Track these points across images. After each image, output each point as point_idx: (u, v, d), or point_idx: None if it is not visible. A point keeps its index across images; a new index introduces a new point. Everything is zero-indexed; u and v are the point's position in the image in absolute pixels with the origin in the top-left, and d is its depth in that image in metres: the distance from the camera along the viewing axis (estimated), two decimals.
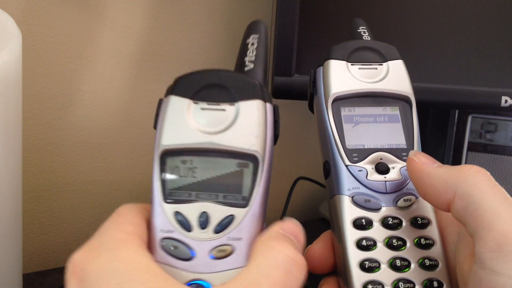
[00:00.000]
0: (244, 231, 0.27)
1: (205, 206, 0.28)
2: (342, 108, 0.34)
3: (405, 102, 0.35)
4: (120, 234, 0.27)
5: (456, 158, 0.65)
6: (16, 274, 0.44)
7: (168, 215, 0.28)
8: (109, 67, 0.60)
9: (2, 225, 0.39)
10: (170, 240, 0.27)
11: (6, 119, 0.37)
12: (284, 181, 0.70)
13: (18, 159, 0.41)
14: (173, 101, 0.29)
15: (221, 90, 0.29)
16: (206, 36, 0.65)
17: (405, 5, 0.57)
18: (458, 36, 0.57)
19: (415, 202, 0.32)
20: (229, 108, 0.29)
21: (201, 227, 0.27)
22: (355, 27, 0.39)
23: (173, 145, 0.28)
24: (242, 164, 0.29)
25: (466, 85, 0.57)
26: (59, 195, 0.60)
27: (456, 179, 0.28)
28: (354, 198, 0.32)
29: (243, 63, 0.32)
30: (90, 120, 0.60)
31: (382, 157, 0.33)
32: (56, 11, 0.55)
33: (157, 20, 0.61)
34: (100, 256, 0.25)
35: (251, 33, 0.33)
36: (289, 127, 0.73)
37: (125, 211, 0.29)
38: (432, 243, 0.31)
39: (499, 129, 0.64)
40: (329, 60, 0.35)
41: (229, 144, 0.28)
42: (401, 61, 0.36)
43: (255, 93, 0.29)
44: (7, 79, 0.36)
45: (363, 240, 0.31)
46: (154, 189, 0.28)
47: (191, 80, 0.30)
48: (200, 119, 0.29)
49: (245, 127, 0.29)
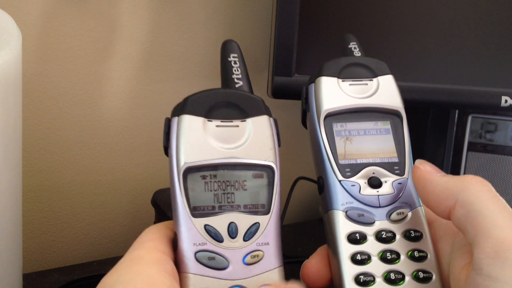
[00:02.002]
0: (270, 236, 0.30)
1: (231, 217, 0.30)
2: (334, 124, 0.35)
3: (396, 116, 0.35)
4: (142, 253, 0.28)
5: (456, 158, 0.65)
6: (16, 274, 0.44)
7: (198, 229, 0.29)
8: (109, 67, 0.60)
9: (2, 225, 0.39)
10: (205, 252, 0.29)
11: (6, 119, 0.37)
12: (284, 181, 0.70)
13: (18, 159, 0.41)
14: (187, 120, 0.31)
15: (231, 108, 0.32)
16: (206, 36, 0.65)
17: (405, 6, 0.57)
18: (458, 36, 0.57)
19: (408, 215, 0.33)
20: (241, 124, 0.31)
21: (231, 236, 0.30)
22: (346, 43, 0.40)
23: (196, 161, 0.30)
24: (259, 175, 0.32)
25: (466, 85, 0.57)
26: (59, 195, 0.60)
27: (458, 188, 0.29)
28: (348, 213, 0.32)
29: (232, 80, 0.34)
30: (90, 120, 0.60)
31: (375, 171, 0.33)
32: (56, 11, 0.55)
33: (157, 20, 0.61)
34: (119, 272, 0.27)
35: (229, 52, 0.35)
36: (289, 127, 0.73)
37: (149, 233, 0.30)
38: (426, 255, 0.31)
39: (499, 129, 0.64)
40: (321, 77, 0.35)
41: (248, 157, 0.31)
42: (391, 76, 0.36)
43: (261, 109, 0.32)
44: (7, 79, 0.36)
45: (357, 255, 0.31)
46: (179, 205, 0.30)
47: (201, 99, 0.32)
48: (217, 136, 0.31)
49: (259, 141, 0.31)
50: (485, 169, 0.64)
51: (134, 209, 0.66)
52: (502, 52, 0.58)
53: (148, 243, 0.29)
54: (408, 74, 0.56)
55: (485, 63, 0.58)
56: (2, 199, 0.38)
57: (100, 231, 0.64)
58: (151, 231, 0.30)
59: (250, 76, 0.35)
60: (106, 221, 0.64)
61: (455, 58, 0.58)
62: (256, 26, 0.67)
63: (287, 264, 0.68)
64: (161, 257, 0.28)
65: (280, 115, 0.32)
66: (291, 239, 0.69)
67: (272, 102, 0.61)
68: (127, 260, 0.28)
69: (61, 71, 0.57)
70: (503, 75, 0.58)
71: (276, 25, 0.53)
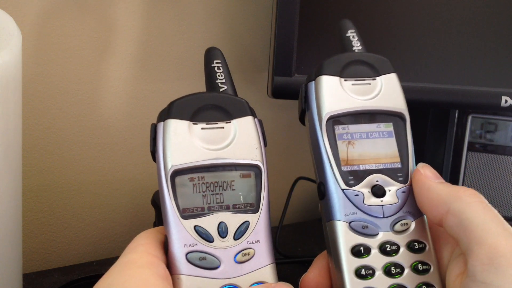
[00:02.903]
0: (260, 234, 0.31)
1: (221, 217, 0.30)
2: (336, 127, 0.34)
3: (399, 118, 0.35)
4: (135, 257, 0.29)
5: (456, 158, 0.65)
6: (16, 274, 0.44)
7: (188, 230, 0.30)
8: (109, 67, 0.60)
9: (2, 225, 0.39)
10: (196, 253, 0.30)
11: (6, 119, 0.37)
12: (284, 181, 0.70)
13: (18, 159, 0.41)
14: (173, 124, 0.31)
15: (215, 110, 0.32)
16: (206, 36, 0.65)
17: (405, 5, 0.57)
18: (458, 36, 0.57)
19: (411, 226, 0.32)
20: (226, 126, 0.32)
21: (221, 236, 0.30)
22: (343, 31, 0.39)
23: (183, 164, 0.30)
24: (247, 175, 0.32)
25: (466, 85, 0.57)
26: (59, 195, 0.60)
27: (451, 196, 0.30)
28: (352, 224, 0.32)
29: (217, 85, 0.35)
30: (90, 120, 0.60)
31: (378, 179, 0.33)
32: (56, 11, 0.55)
33: (157, 20, 0.61)
34: (112, 276, 0.27)
35: (212, 59, 0.36)
36: (289, 127, 0.73)
37: (141, 238, 0.31)
38: (429, 268, 0.31)
39: (499, 129, 0.64)
40: (322, 76, 0.34)
41: (234, 157, 0.31)
42: (394, 74, 0.35)
43: (246, 110, 0.33)
44: (7, 79, 0.36)
45: (362, 269, 0.31)
46: (168, 208, 0.30)
47: (186, 103, 0.32)
48: (203, 138, 0.31)
49: (245, 141, 0.32)
50: (485, 169, 0.64)
51: (134, 209, 0.66)
52: (502, 52, 0.58)
53: (140, 247, 0.29)
54: (408, 74, 0.56)
55: (485, 63, 0.58)
56: (2, 199, 0.38)
57: (100, 231, 0.64)
58: (143, 236, 0.31)
59: (250, 76, 0.35)
60: (106, 221, 0.64)
61: (455, 58, 0.58)
62: (256, 26, 0.67)
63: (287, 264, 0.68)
64: (153, 260, 0.28)
65: (280, 115, 0.32)
66: (291, 239, 0.69)
67: (272, 102, 0.62)
68: (119, 265, 0.28)
69: (61, 71, 0.57)
70: (503, 75, 0.58)
71: (276, 25, 0.53)
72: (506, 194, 0.63)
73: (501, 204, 0.63)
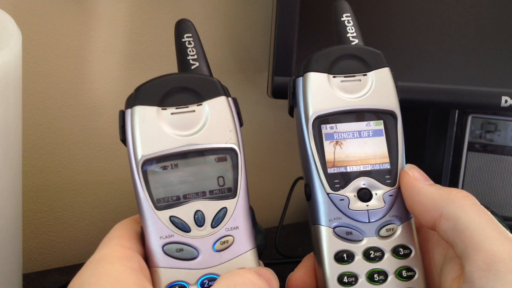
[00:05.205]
0: (238, 220, 0.29)
1: (197, 205, 0.29)
2: (324, 126, 0.32)
3: (390, 116, 0.33)
4: (107, 252, 0.27)
5: (456, 158, 0.65)
6: (16, 274, 0.43)
7: (164, 221, 0.29)
8: (109, 67, 0.60)
9: (2, 225, 0.39)
10: (173, 244, 0.28)
11: (6, 119, 0.37)
12: (284, 181, 0.70)
13: (18, 159, 0.41)
14: (140, 111, 0.30)
15: (185, 92, 0.30)
16: (206, 36, 0.65)
17: (405, 5, 0.57)
18: (458, 36, 0.57)
19: (397, 230, 0.31)
20: (197, 109, 0.30)
21: (198, 225, 0.29)
22: (338, 14, 0.37)
23: (153, 153, 0.29)
24: (222, 159, 0.30)
25: (466, 85, 0.57)
26: (59, 195, 0.60)
27: (443, 200, 0.29)
28: (336, 230, 0.31)
29: (188, 62, 0.33)
30: (90, 120, 0.60)
31: (365, 182, 0.32)
32: (56, 11, 0.55)
33: (157, 20, 0.61)
34: (84, 274, 0.26)
35: (183, 32, 0.34)
36: (289, 127, 0.73)
37: (116, 230, 0.30)
38: (413, 274, 0.31)
39: (499, 129, 0.64)
40: (309, 72, 0.32)
41: (208, 142, 0.30)
42: (387, 69, 0.33)
43: (218, 90, 0.31)
44: (7, 79, 0.36)
45: (344, 277, 0.30)
46: (141, 199, 0.29)
47: (153, 87, 0.30)
48: (173, 124, 0.30)
49: (217, 124, 0.30)
50: (485, 169, 0.64)
51: (134, 209, 0.65)
52: (502, 52, 0.58)
53: (113, 240, 0.28)
54: (408, 74, 0.56)
55: (485, 63, 0.58)
56: (2, 199, 0.38)
57: (100, 231, 0.64)
58: (118, 227, 0.30)
59: (250, 76, 0.34)
60: (106, 221, 0.64)
61: (455, 58, 0.58)
62: (256, 26, 0.67)
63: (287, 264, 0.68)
64: (126, 253, 0.27)
65: (280, 115, 0.32)
66: (291, 239, 0.69)
67: (272, 102, 0.61)
68: (92, 262, 0.27)
69: (61, 71, 0.57)
70: (503, 75, 0.58)
71: (276, 25, 0.53)
72: (506, 194, 0.63)
73: (501, 204, 0.63)
